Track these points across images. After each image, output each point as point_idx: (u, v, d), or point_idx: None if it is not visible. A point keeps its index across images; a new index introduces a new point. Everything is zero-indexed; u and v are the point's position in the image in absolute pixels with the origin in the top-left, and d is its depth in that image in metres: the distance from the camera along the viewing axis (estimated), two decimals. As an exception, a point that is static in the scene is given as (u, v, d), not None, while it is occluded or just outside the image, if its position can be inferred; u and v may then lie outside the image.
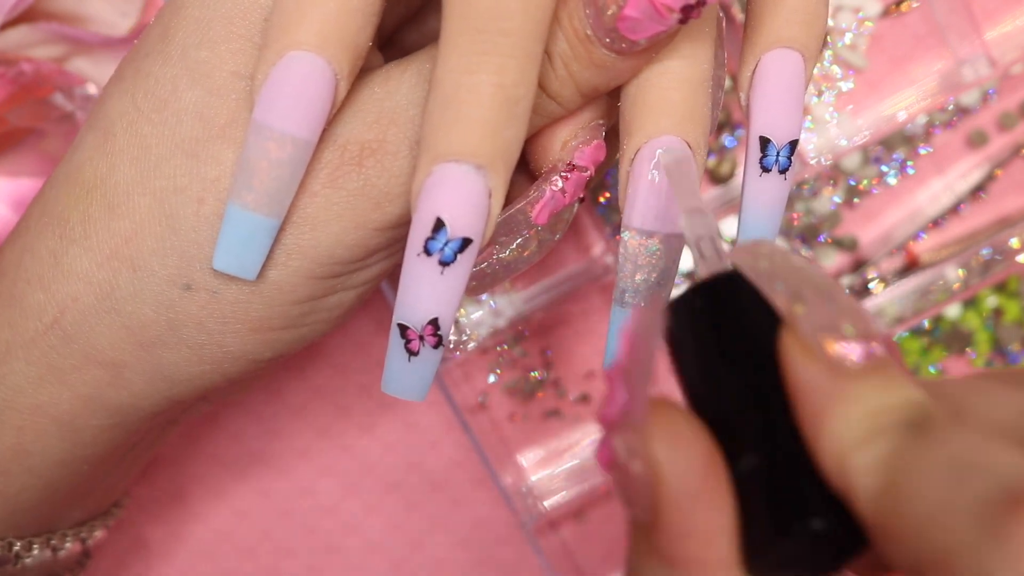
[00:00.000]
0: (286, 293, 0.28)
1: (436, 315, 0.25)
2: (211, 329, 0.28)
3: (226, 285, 0.28)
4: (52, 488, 0.31)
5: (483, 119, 0.24)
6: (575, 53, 0.27)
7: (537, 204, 0.29)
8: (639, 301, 0.28)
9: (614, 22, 0.25)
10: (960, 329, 0.46)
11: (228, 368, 0.29)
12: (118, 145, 0.28)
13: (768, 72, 0.28)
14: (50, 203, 0.29)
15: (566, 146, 0.29)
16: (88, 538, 0.34)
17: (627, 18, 0.25)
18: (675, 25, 0.25)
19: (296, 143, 0.26)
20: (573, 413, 0.47)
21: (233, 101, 0.27)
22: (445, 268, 0.25)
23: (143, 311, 0.28)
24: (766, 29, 0.28)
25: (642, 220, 0.27)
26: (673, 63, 0.27)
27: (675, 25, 0.25)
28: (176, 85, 0.27)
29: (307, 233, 0.28)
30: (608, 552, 0.47)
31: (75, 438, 0.30)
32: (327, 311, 0.30)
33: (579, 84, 0.27)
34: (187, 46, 0.27)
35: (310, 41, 0.25)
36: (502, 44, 0.24)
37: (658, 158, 0.27)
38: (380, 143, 0.27)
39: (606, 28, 0.26)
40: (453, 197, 0.24)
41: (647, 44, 0.26)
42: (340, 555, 0.46)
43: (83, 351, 0.29)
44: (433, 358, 0.26)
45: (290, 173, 0.26)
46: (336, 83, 0.26)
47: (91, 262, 0.28)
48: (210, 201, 0.27)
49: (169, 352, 0.29)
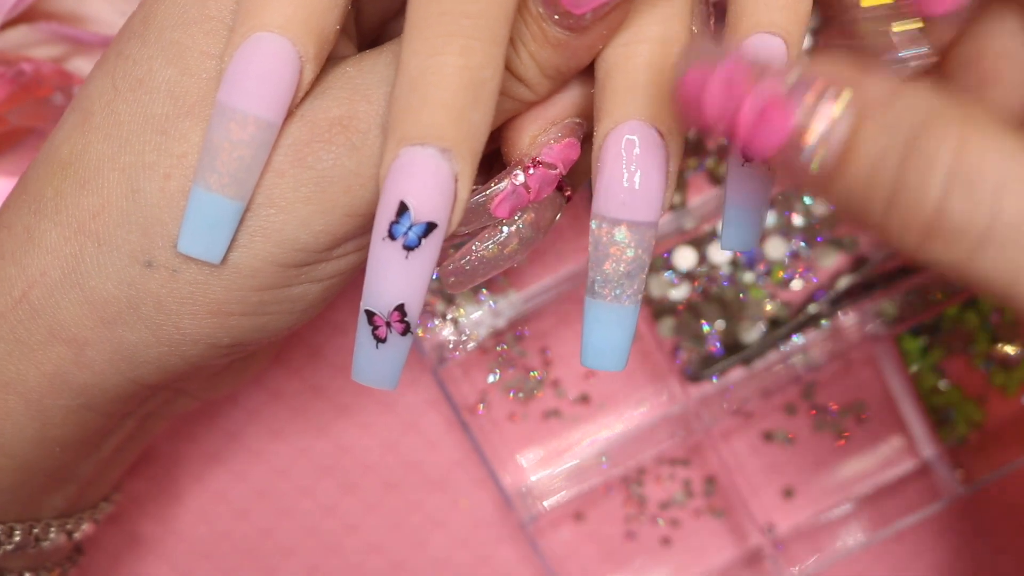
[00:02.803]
0: (246, 277, 0.28)
1: (402, 301, 0.25)
2: (169, 309, 0.28)
3: (186, 264, 0.28)
4: (27, 470, 0.31)
5: (448, 101, 0.24)
6: (532, 33, 0.27)
7: (497, 197, 0.29)
8: (610, 291, 0.28)
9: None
10: (960, 329, 0.46)
11: (187, 351, 0.29)
12: (95, 124, 0.28)
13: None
14: (30, 182, 0.29)
15: (535, 141, 0.29)
16: (75, 531, 0.35)
17: None
18: None
19: (259, 123, 0.26)
20: (573, 413, 0.47)
21: (204, 80, 0.27)
22: (410, 253, 0.25)
23: (105, 287, 0.28)
24: (747, 14, 0.28)
25: (608, 207, 0.27)
26: (640, 47, 0.27)
27: None
28: (151, 65, 0.28)
29: (273, 216, 0.27)
30: (608, 552, 0.47)
31: (44, 417, 0.30)
32: (289, 302, 0.29)
33: (541, 65, 0.27)
34: (164, 28, 0.28)
35: (275, 22, 0.26)
36: (466, 26, 0.24)
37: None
38: (350, 119, 0.27)
39: (553, 4, 0.26)
40: (417, 180, 0.24)
41: (593, 18, 0.26)
42: (340, 555, 0.46)
43: (48, 327, 0.29)
44: (401, 345, 0.26)
45: (252, 154, 0.26)
46: (301, 65, 0.26)
47: (59, 236, 0.28)
48: (176, 177, 0.27)
49: (129, 331, 0.29)
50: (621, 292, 0.28)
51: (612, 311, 0.28)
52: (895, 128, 0.22)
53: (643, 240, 0.27)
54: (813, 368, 0.46)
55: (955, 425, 0.47)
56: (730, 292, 0.46)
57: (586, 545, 0.47)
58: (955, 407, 0.47)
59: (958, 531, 0.47)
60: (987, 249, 0.21)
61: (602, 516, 0.47)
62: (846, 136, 0.22)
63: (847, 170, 0.22)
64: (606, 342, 0.28)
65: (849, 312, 0.45)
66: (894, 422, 0.47)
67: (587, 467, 0.46)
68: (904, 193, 0.22)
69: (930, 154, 0.21)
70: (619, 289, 0.28)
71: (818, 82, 0.22)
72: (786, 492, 0.47)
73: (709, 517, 0.47)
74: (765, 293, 0.46)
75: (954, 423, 0.47)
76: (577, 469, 0.46)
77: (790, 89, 0.22)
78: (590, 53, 0.27)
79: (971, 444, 0.47)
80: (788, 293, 0.46)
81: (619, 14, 0.27)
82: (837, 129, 0.22)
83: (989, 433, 0.47)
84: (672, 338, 0.46)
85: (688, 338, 0.46)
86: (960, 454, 0.46)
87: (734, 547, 0.47)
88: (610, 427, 0.47)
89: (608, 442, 0.47)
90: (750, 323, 0.46)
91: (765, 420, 0.47)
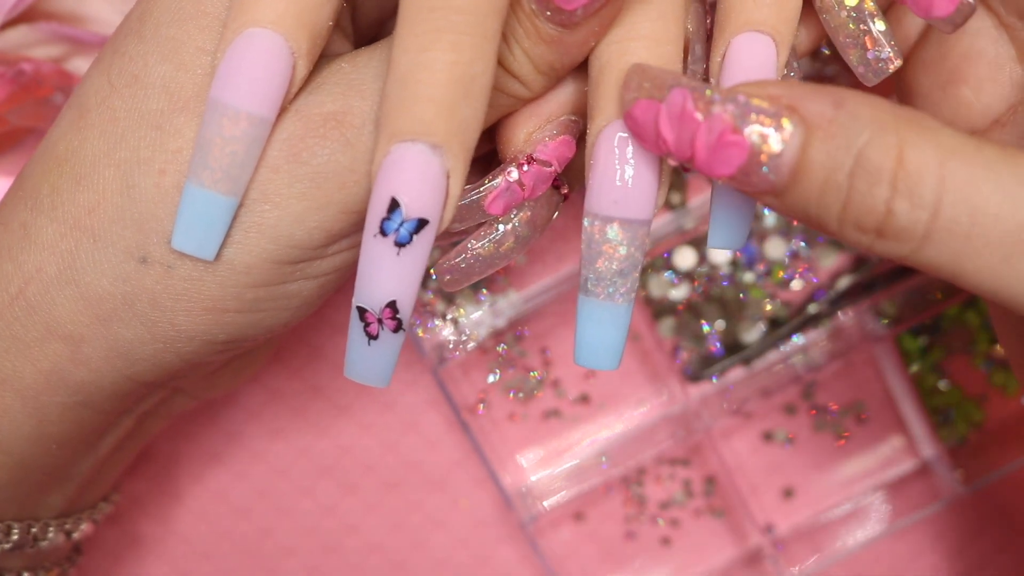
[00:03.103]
0: (240, 274, 0.28)
1: (394, 297, 0.25)
2: (164, 306, 0.28)
3: (181, 260, 0.28)
4: (24, 467, 0.31)
5: (438, 97, 0.24)
6: (524, 29, 0.27)
7: (491, 194, 0.29)
8: (603, 289, 0.28)
9: None
10: (960, 329, 0.46)
11: (182, 348, 0.29)
12: (91, 120, 0.28)
13: (738, 57, 0.28)
14: (27, 179, 0.29)
15: (529, 138, 0.29)
16: (73, 531, 0.35)
17: None
18: None
19: (251, 119, 0.26)
20: (573, 413, 0.47)
21: (199, 76, 0.27)
22: (401, 249, 0.25)
23: (101, 283, 0.28)
24: (735, 12, 0.28)
25: (600, 205, 0.27)
26: (633, 44, 0.27)
27: None
28: (147, 61, 0.28)
29: (267, 212, 0.27)
30: (608, 552, 0.47)
31: (41, 414, 0.30)
32: (285, 299, 0.29)
33: (535, 61, 0.27)
34: (160, 24, 0.28)
35: (267, 18, 0.26)
36: (456, 21, 0.24)
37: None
38: (344, 114, 0.27)
39: (544, 1, 0.26)
40: (408, 176, 0.24)
41: (584, 14, 0.26)
42: (340, 555, 0.46)
43: (44, 323, 0.29)
44: (394, 342, 0.26)
45: (245, 150, 0.26)
46: (294, 61, 0.26)
47: (55, 232, 0.28)
48: (171, 172, 0.27)
49: (124, 328, 0.29)
50: (614, 290, 0.28)
51: (605, 309, 0.28)
52: (840, 140, 0.23)
53: (636, 238, 0.27)
54: (813, 368, 0.46)
55: (955, 425, 0.47)
56: (730, 292, 0.46)
57: (586, 545, 0.47)
58: (955, 407, 0.47)
59: (958, 531, 0.47)
60: (931, 243, 0.24)
61: (602, 516, 0.47)
62: (797, 153, 0.24)
63: (800, 184, 0.24)
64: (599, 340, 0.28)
65: (849, 312, 0.45)
66: (894, 422, 0.47)
67: (587, 467, 0.46)
68: (855, 200, 0.24)
69: (874, 162, 0.23)
70: (612, 287, 0.28)
71: (766, 104, 0.24)
72: (786, 492, 0.47)
73: (709, 517, 0.47)
74: (765, 293, 0.46)
75: (954, 423, 0.47)
76: (577, 469, 0.46)
77: (739, 115, 0.24)
78: (583, 49, 0.28)
79: (971, 444, 0.47)
80: (788, 293, 0.46)
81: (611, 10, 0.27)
82: (788, 148, 0.24)
83: (989, 433, 0.47)
84: (672, 338, 0.46)
85: (688, 338, 0.46)
86: (960, 454, 0.47)
87: (734, 547, 0.47)
88: (610, 427, 0.47)
89: (608, 442, 0.47)
90: (750, 323, 0.46)
91: (765, 420, 0.47)
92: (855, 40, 0.29)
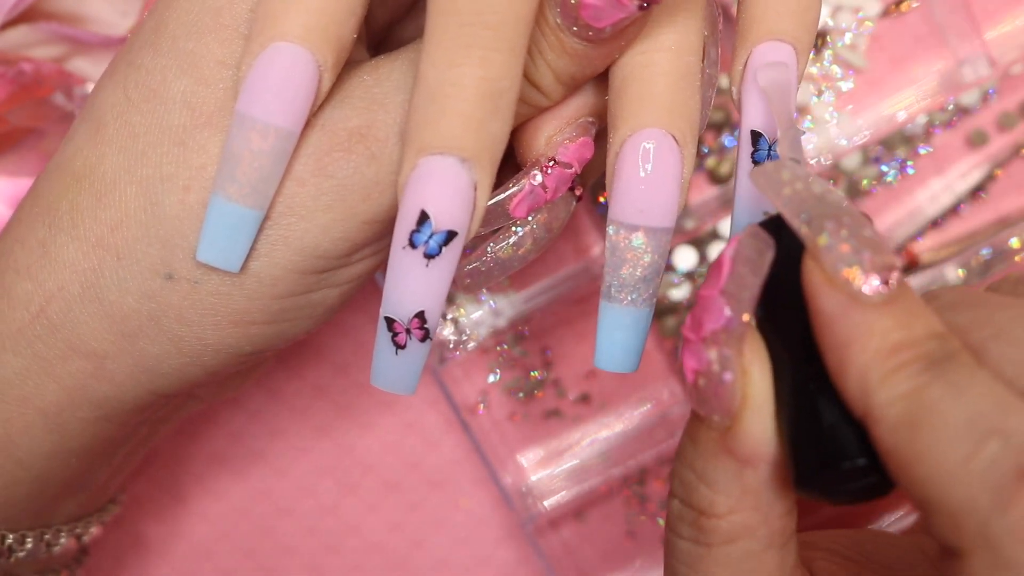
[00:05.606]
0: (267, 286, 0.28)
1: (422, 308, 0.26)
2: (191, 321, 0.28)
3: (207, 276, 0.28)
4: (42, 481, 0.31)
5: (467, 112, 0.24)
6: (549, 43, 0.27)
7: (516, 198, 0.29)
8: (626, 295, 0.28)
9: (577, 11, 0.26)
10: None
11: (208, 361, 0.29)
12: (108, 135, 0.28)
13: (759, 65, 0.28)
14: (41, 195, 0.29)
15: (550, 141, 0.29)
16: (84, 534, 0.35)
17: (588, 6, 0.26)
18: (637, 12, 0.26)
19: (279, 133, 0.26)
20: (573, 413, 0.47)
21: (220, 90, 0.27)
22: (430, 261, 0.25)
23: (126, 300, 0.28)
24: (757, 22, 0.28)
25: (625, 213, 0.27)
26: (657, 55, 0.27)
27: (637, 12, 0.26)
28: (165, 75, 0.28)
29: (294, 224, 0.28)
30: (608, 552, 0.47)
31: (62, 430, 0.30)
32: (309, 308, 0.29)
33: (557, 73, 0.27)
34: (177, 37, 0.28)
35: (294, 32, 0.26)
36: (485, 37, 0.24)
37: (756, 77, 0.28)
38: (368, 128, 0.27)
39: (572, 17, 0.26)
40: (438, 190, 0.24)
41: (612, 32, 0.26)
42: (340, 555, 0.46)
43: (68, 341, 0.29)
44: (420, 351, 0.26)
45: (272, 163, 0.26)
46: (320, 74, 0.26)
47: (77, 251, 0.28)
48: (195, 189, 0.27)
49: (150, 344, 0.29)
50: (637, 296, 0.28)
51: (628, 315, 0.28)
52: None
53: (659, 245, 0.28)
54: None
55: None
56: (730, 292, 0.46)
57: (586, 545, 0.47)
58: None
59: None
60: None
61: (602, 516, 0.47)
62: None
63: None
64: (621, 344, 0.29)
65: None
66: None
67: (587, 467, 0.46)
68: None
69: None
70: (635, 293, 0.28)
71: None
72: (786, 492, 0.47)
73: (709, 517, 0.47)
74: (765, 293, 0.46)
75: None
76: (577, 469, 0.46)
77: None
78: (606, 62, 0.28)
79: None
80: (788, 293, 0.46)
81: (637, 27, 0.27)
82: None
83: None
84: (672, 338, 0.46)
85: (688, 338, 0.46)
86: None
87: (734, 547, 0.47)
88: (610, 427, 0.47)
89: (608, 442, 0.47)
90: (750, 323, 0.46)
91: (765, 420, 0.47)
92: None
